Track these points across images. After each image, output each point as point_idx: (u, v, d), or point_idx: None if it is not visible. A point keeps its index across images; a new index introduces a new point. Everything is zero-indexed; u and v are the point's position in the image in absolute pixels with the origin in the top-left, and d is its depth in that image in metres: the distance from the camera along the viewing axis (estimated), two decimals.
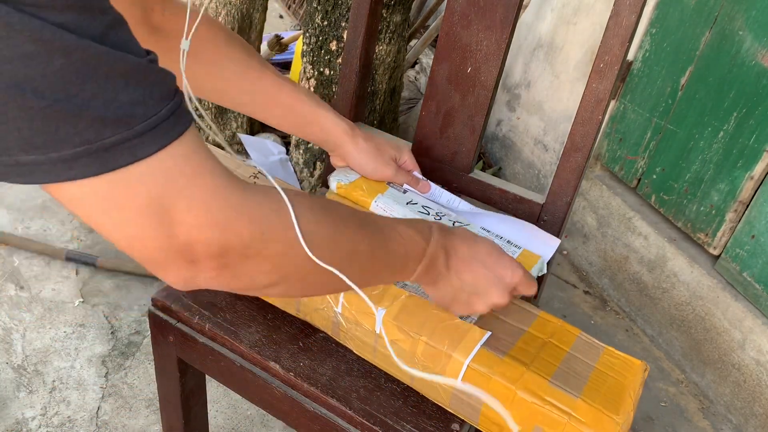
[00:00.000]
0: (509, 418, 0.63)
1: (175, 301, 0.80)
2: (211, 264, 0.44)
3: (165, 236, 0.41)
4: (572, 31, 1.92)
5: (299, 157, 1.88)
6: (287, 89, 0.81)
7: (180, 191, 0.41)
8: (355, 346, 0.73)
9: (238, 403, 1.30)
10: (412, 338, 0.67)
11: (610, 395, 0.63)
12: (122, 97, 0.37)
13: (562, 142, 1.96)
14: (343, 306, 0.71)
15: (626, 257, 1.75)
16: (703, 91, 1.50)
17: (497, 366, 0.64)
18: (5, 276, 1.53)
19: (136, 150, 0.38)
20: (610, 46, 0.80)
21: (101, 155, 0.37)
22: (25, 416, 1.22)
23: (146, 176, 0.39)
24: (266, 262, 0.47)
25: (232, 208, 0.44)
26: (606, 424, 0.60)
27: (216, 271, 0.45)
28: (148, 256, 0.43)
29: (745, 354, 1.42)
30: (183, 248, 0.42)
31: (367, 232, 0.56)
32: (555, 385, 0.63)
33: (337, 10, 1.64)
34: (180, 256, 0.43)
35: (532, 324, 0.72)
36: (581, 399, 0.62)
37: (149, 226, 0.41)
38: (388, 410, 0.70)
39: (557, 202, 0.88)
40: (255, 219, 0.45)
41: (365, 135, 0.86)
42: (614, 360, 0.69)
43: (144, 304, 1.50)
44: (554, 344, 0.69)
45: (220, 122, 2.02)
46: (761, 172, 1.38)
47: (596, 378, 0.66)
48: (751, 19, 1.37)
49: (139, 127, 0.38)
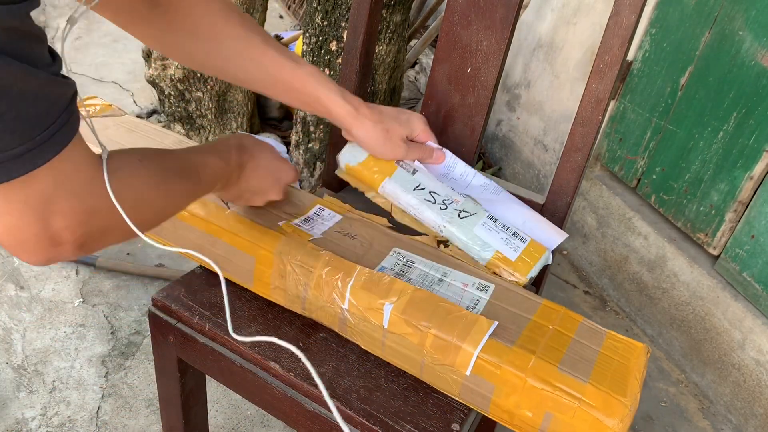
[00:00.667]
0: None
1: (175, 301, 0.80)
2: (73, 246, 0.51)
3: (41, 227, 0.48)
4: (572, 31, 1.92)
5: (299, 157, 1.88)
6: (289, 68, 0.78)
7: (61, 189, 0.48)
8: (363, 341, 0.74)
9: (238, 403, 1.30)
10: (421, 331, 0.68)
11: (617, 378, 0.65)
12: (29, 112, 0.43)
13: (562, 142, 1.96)
14: (350, 303, 0.71)
15: (626, 257, 1.75)
16: (702, 91, 1.50)
17: (506, 355, 0.65)
18: (5, 276, 1.53)
19: (10, 171, 0.44)
20: (610, 46, 0.80)
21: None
22: (25, 416, 1.22)
23: (34, 181, 0.46)
24: (116, 232, 0.56)
25: (97, 196, 0.51)
26: (615, 406, 0.62)
27: (76, 250, 0.52)
28: (19, 243, 0.49)
29: (745, 354, 1.42)
30: (54, 235, 0.49)
31: (184, 180, 0.64)
32: (564, 371, 0.64)
33: (337, 10, 1.64)
34: (50, 242, 0.49)
35: (536, 312, 0.73)
36: (590, 384, 0.63)
37: (27, 219, 0.47)
38: (388, 410, 0.70)
39: (557, 202, 0.88)
40: (98, 192, 0.52)
41: (373, 116, 0.82)
42: (617, 344, 0.70)
43: (144, 304, 1.50)
44: (559, 331, 0.70)
45: (220, 122, 2.02)
46: (761, 172, 1.38)
47: (602, 362, 0.67)
48: (751, 19, 1.37)
49: (20, 149, 0.44)
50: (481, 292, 0.75)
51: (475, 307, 0.72)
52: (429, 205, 0.84)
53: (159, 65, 1.92)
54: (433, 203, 0.84)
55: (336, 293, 0.72)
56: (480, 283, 0.76)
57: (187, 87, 1.93)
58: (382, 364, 0.75)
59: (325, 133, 1.81)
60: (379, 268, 0.75)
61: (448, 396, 0.72)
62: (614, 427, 0.61)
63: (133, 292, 1.54)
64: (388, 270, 0.75)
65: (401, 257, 0.78)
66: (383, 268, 0.76)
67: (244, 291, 0.82)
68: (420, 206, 0.84)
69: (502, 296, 0.74)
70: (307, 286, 0.73)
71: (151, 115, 2.29)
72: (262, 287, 0.78)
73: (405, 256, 0.78)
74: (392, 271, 0.75)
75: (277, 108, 2.26)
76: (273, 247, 0.74)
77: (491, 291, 0.75)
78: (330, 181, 1.08)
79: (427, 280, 0.75)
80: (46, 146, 0.45)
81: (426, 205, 0.84)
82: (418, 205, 0.84)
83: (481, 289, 0.75)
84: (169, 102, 1.97)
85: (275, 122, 2.28)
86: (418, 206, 0.84)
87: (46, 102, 0.44)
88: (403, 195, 0.84)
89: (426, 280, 0.75)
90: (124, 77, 2.58)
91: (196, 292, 0.82)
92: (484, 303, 0.73)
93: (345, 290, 0.71)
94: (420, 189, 0.85)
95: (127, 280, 1.56)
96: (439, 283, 0.75)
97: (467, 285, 0.75)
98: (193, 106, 1.97)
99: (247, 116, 2.06)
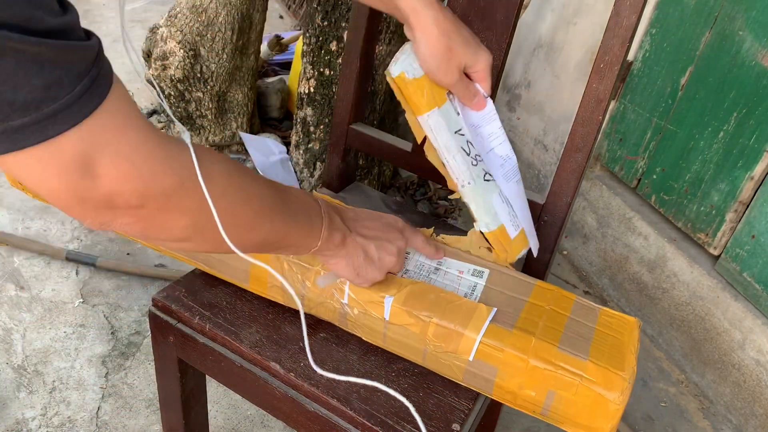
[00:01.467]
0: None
1: (176, 302, 0.80)
2: (129, 212, 0.47)
3: (84, 189, 0.44)
4: (572, 31, 1.92)
5: (299, 157, 1.88)
6: None
7: (103, 149, 0.43)
8: (364, 333, 0.74)
9: (238, 403, 1.30)
10: (423, 321, 0.69)
11: (614, 354, 0.67)
12: (36, 82, 0.39)
13: (562, 143, 1.96)
14: (350, 297, 0.72)
15: (626, 257, 1.75)
16: (703, 91, 1.50)
17: (507, 338, 0.67)
18: (5, 276, 1.53)
19: (46, 130, 0.41)
20: (610, 46, 0.79)
21: (10, 135, 0.40)
22: (25, 416, 1.22)
23: (67, 143, 0.42)
24: (184, 217, 0.50)
25: (155, 160, 0.46)
26: (615, 381, 0.64)
27: (134, 219, 0.48)
28: (66, 205, 0.45)
29: (745, 354, 1.42)
30: (103, 198, 0.45)
31: (272, 187, 0.59)
32: (563, 350, 0.66)
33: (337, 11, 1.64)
34: (99, 204, 0.45)
35: (531, 294, 0.75)
36: (590, 360, 0.65)
37: (68, 183, 0.43)
38: (388, 410, 0.70)
39: (557, 203, 0.88)
40: (176, 171, 0.48)
41: (442, 23, 0.68)
42: (611, 320, 0.73)
43: (144, 304, 1.50)
44: (555, 311, 0.72)
45: (220, 122, 2.02)
46: (761, 173, 1.38)
47: (598, 339, 0.69)
48: (751, 19, 1.37)
49: (49, 110, 0.40)
50: (476, 277, 0.76)
51: (473, 293, 0.74)
52: (463, 156, 0.75)
53: (159, 65, 1.92)
54: (467, 155, 0.75)
55: (335, 289, 0.73)
56: (475, 269, 0.78)
57: (187, 87, 1.93)
58: (382, 364, 0.75)
59: (325, 133, 1.81)
60: None
61: (448, 396, 0.72)
62: (615, 400, 0.63)
63: (133, 292, 1.54)
64: None
65: None
66: None
67: (244, 291, 0.82)
68: (457, 153, 0.74)
69: (497, 280, 0.76)
70: (306, 284, 0.74)
71: (152, 115, 2.29)
72: (259, 286, 0.78)
73: None
74: None
75: (277, 108, 2.26)
76: None
77: (486, 276, 0.77)
78: (330, 181, 1.08)
79: (423, 269, 0.77)
80: (78, 104, 0.41)
81: (461, 154, 0.74)
82: (456, 150, 0.74)
83: (476, 275, 0.77)
84: (169, 102, 1.97)
85: (275, 122, 2.28)
86: (455, 152, 0.74)
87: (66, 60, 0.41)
88: (445, 134, 0.74)
89: (423, 269, 0.77)
90: (125, 77, 2.56)
91: (196, 292, 0.82)
92: (481, 288, 0.75)
93: (344, 285, 0.72)
94: (461, 134, 0.75)
95: (127, 280, 1.56)
96: (435, 272, 0.77)
97: (463, 272, 0.77)
98: (193, 106, 1.97)
99: (247, 116, 2.06)
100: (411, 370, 0.75)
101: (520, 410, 0.69)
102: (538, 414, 0.68)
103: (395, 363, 0.75)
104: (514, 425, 1.36)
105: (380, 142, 1.01)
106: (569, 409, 0.65)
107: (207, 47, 1.88)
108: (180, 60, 1.88)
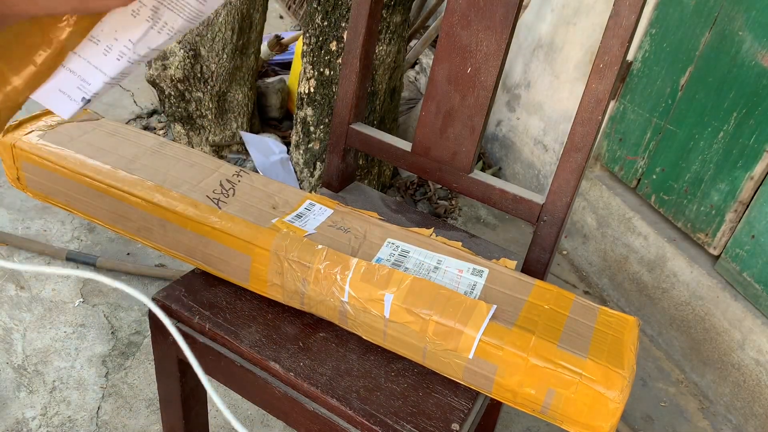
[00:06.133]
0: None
1: (175, 302, 0.80)
2: None
3: None
4: (572, 31, 1.92)
5: (299, 157, 1.88)
6: None
7: None
8: (364, 332, 0.75)
9: (238, 403, 1.31)
10: (422, 319, 0.69)
11: (613, 352, 0.68)
12: None
13: (561, 142, 1.96)
14: (350, 295, 0.72)
15: (626, 257, 1.75)
16: (703, 91, 1.50)
17: (507, 336, 0.67)
18: (5, 276, 1.53)
19: None
20: (610, 46, 0.80)
21: None
22: (25, 416, 1.23)
23: None
24: None
25: None
26: (614, 379, 0.64)
27: None
28: None
29: (744, 354, 1.42)
30: None
31: None
32: (563, 349, 0.67)
33: (337, 11, 1.64)
34: None
35: (530, 293, 0.75)
36: (589, 359, 0.66)
37: None
38: (388, 410, 0.70)
39: (557, 203, 0.88)
40: None
41: None
42: (610, 319, 0.73)
43: (144, 304, 1.50)
44: (555, 310, 0.73)
45: (220, 122, 2.02)
46: (761, 173, 1.38)
47: (598, 337, 0.70)
48: (751, 19, 1.37)
49: None
50: (476, 276, 0.77)
51: (473, 291, 0.74)
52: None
53: (159, 65, 1.92)
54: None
55: (335, 287, 0.73)
56: (474, 268, 0.78)
57: (187, 87, 1.93)
58: (382, 364, 0.75)
59: (325, 133, 1.81)
60: (375, 260, 0.77)
61: (447, 395, 0.72)
62: (615, 398, 0.63)
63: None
64: (384, 261, 0.77)
65: (396, 247, 0.80)
66: (380, 260, 0.77)
67: (244, 291, 0.82)
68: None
69: (497, 280, 0.77)
70: (306, 282, 0.74)
71: (152, 115, 2.29)
72: (259, 285, 0.78)
73: (399, 246, 0.80)
74: (389, 261, 0.77)
75: (277, 108, 2.26)
76: (268, 245, 0.75)
77: (486, 275, 0.77)
78: (330, 181, 1.08)
79: (423, 268, 0.77)
80: None
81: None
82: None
83: (476, 274, 0.77)
84: (169, 102, 1.97)
85: (275, 122, 2.28)
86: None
87: None
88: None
89: (422, 268, 0.77)
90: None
91: (196, 292, 0.82)
92: (481, 287, 0.75)
93: (344, 283, 0.72)
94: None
95: (127, 280, 1.56)
96: (435, 270, 0.77)
97: (462, 271, 0.77)
98: (193, 106, 1.97)
99: (247, 116, 2.06)
100: (410, 369, 0.75)
101: (519, 409, 0.69)
102: (538, 412, 0.68)
103: (395, 362, 0.75)
104: (513, 425, 1.36)
105: (380, 142, 1.01)
106: (569, 408, 0.66)
107: (207, 47, 1.88)
108: (180, 60, 1.88)
